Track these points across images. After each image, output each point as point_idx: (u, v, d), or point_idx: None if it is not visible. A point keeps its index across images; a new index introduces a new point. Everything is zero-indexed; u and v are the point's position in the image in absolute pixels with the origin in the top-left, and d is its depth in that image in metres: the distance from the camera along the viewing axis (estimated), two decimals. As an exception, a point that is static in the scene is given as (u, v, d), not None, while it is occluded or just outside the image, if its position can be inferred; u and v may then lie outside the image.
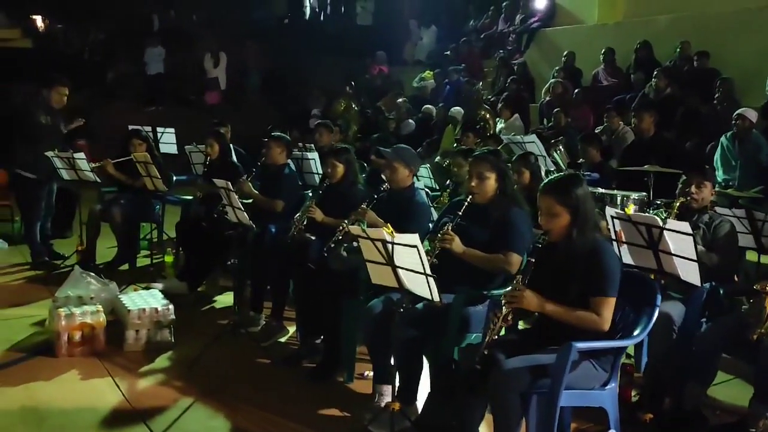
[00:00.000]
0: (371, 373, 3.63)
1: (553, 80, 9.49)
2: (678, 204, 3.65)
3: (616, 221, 3.14)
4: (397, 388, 3.16)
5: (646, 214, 3.39)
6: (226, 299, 5.31)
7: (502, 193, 3.37)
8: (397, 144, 4.24)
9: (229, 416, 3.41)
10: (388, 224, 2.80)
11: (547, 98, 9.29)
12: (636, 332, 2.73)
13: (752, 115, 6.29)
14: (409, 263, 2.74)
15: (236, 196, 4.44)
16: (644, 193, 5.00)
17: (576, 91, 9.11)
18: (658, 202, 4.81)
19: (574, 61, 10.07)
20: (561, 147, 6.54)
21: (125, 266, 5.95)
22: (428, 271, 2.69)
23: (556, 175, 3.01)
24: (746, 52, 8.29)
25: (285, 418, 3.41)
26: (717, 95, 7.33)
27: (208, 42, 14.02)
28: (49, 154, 5.76)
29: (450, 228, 3.25)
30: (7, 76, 10.84)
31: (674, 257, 2.94)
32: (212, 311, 5.17)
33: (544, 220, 2.76)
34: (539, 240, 2.77)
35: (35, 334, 4.44)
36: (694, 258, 2.90)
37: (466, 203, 3.33)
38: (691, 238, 2.88)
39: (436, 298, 2.73)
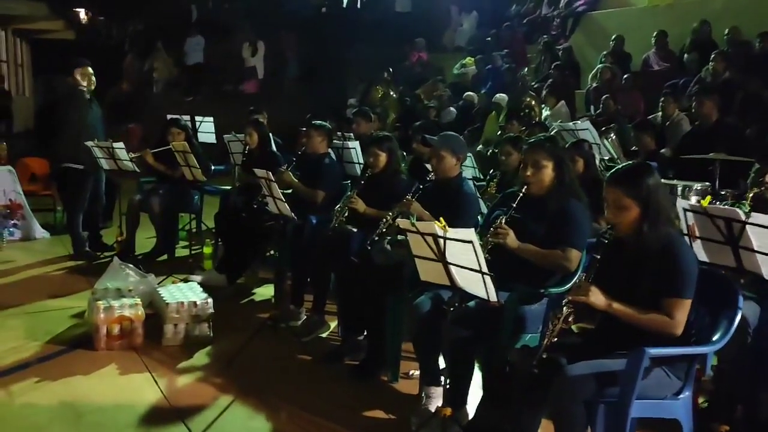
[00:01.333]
0: (417, 373, 3.46)
1: (600, 65, 9.09)
2: (751, 195, 3.36)
3: (689, 214, 2.86)
4: (445, 391, 2.97)
5: (724, 206, 3.11)
6: (265, 292, 5.20)
7: (560, 183, 3.13)
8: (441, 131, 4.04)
9: (269, 417, 3.28)
10: (441, 218, 2.59)
11: (595, 84, 8.91)
12: (715, 337, 2.47)
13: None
14: (463, 260, 2.53)
15: (277, 186, 4.29)
16: (707, 183, 4.69)
17: (625, 76, 8.71)
18: (723, 193, 4.50)
19: (623, 45, 9.65)
20: (613, 135, 6.23)
21: (164, 257, 5.90)
22: (485, 269, 2.48)
23: (624, 164, 2.76)
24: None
25: (327, 419, 3.25)
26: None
27: (246, 31, 13.97)
28: (89, 143, 5.71)
29: (504, 221, 3.04)
30: (52, 69, 10.96)
31: (757, 254, 2.66)
32: (251, 304, 5.06)
33: (612, 214, 2.52)
34: (605, 235, 2.54)
35: (75, 326, 4.39)
36: (782, 255, 2.62)
37: (521, 194, 3.10)
38: (779, 233, 2.60)
39: (494, 298, 2.52)
